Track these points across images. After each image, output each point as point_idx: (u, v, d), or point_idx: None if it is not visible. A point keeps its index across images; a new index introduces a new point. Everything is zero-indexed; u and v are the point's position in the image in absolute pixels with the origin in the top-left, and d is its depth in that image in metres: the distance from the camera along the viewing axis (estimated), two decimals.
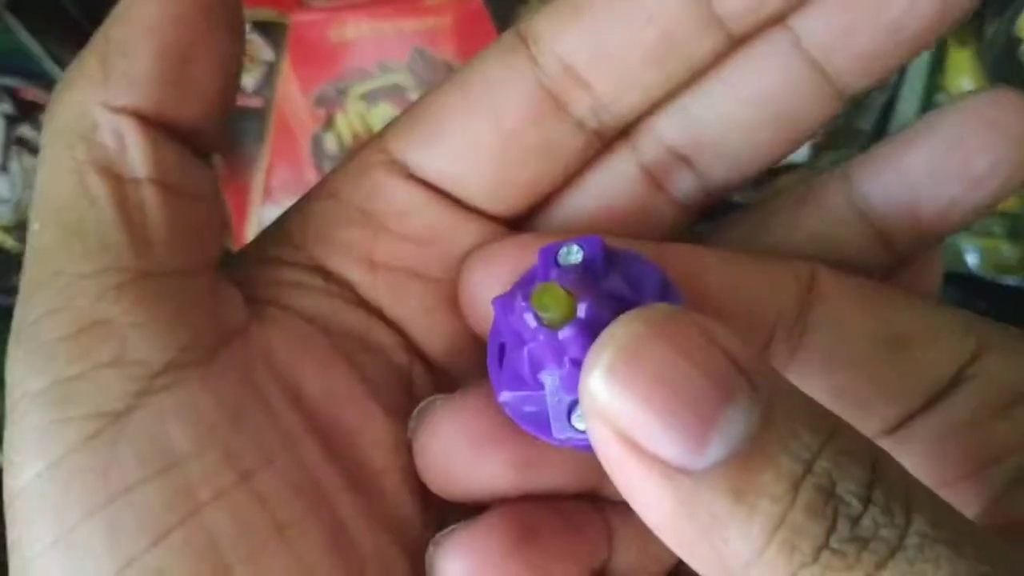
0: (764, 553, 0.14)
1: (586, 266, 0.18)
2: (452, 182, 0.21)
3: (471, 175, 0.21)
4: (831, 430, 0.15)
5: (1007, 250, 0.59)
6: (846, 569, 0.14)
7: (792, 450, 0.14)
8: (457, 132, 0.21)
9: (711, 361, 0.15)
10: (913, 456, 0.20)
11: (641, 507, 0.15)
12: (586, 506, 0.21)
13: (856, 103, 0.56)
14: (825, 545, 0.14)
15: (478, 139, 0.21)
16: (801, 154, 0.57)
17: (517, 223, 0.22)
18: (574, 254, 0.18)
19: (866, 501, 0.14)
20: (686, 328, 0.15)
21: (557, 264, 0.19)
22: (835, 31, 0.20)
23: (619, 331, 0.15)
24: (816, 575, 0.14)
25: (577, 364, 0.17)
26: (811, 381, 0.20)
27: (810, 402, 0.15)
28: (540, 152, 0.21)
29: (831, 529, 0.14)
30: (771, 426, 0.14)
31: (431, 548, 0.20)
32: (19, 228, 0.51)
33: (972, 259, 0.59)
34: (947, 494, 0.19)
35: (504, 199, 0.21)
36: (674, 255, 0.20)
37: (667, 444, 0.14)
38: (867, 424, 0.20)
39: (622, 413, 0.15)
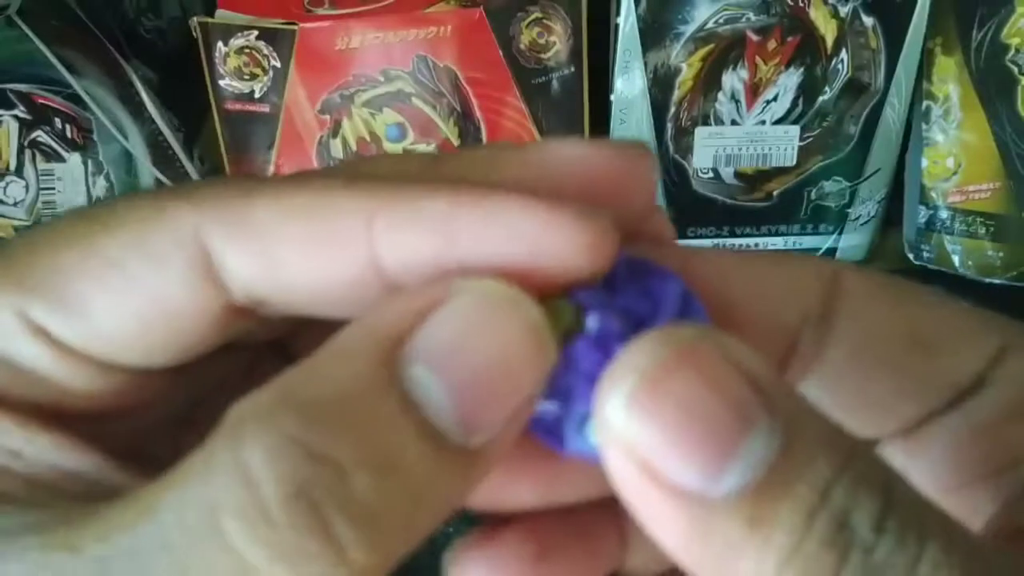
0: (781, 572, 0.14)
1: (604, 277, 0.17)
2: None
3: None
4: (848, 454, 0.15)
5: (991, 252, 0.60)
6: None
7: (809, 478, 0.14)
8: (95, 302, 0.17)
9: (733, 388, 0.14)
10: (930, 457, 0.19)
11: (654, 529, 0.15)
12: (601, 514, 0.20)
13: (845, 109, 0.57)
14: (838, 574, 0.14)
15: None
16: (789, 157, 0.59)
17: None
18: None
19: (880, 531, 0.14)
20: (709, 353, 0.15)
21: None
22: None
23: (640, 358, 0.15)
24: None
25: (589, 378, 0.16)
26: (834, 379, 0.19)
27: (828, 424, 0.15)
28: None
29: (844, 559, 0.14)
30: (790, 453, 0.14)
31: (449, 555, 0.19)
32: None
33: (957, 260, 0.61)
34: (962, 496, 0.19)
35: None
36: (698, 260, 0.19)
37: (684, 472, 0.14)
38: (887, 423, 0.20)
39: (639, 441, 0.14)
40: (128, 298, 0.17)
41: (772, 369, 0.15)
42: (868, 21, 0.55)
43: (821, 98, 0.57)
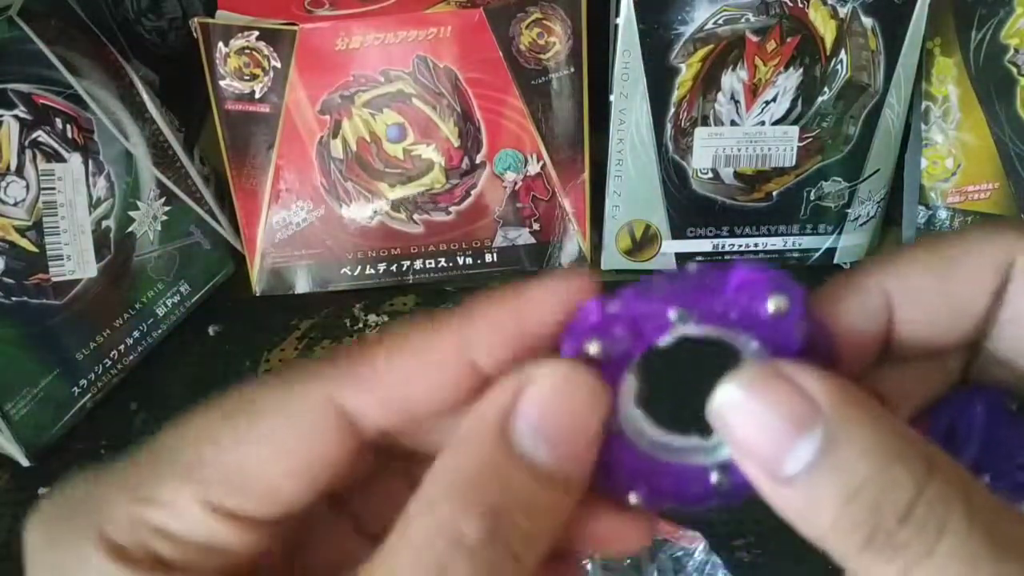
0: (826, 538, 0.20)
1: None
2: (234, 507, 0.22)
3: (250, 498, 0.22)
4: (889, 458, 0.20)
5: None
6: (885, 563, 0.20)
7: (848, 474, 0.20)
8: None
9: (789, 406, 0.21)
10: None
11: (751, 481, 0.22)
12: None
13: (844, 110, 0.57)
14: (866, 546, 0.20)
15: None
16: (788, 158, 0.59)
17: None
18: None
19: (904, 520, 0.19)
20: (774, 382, 0.21)
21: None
22: None
23: (726, 386, 0.21)
24: (861, 562, 0.20)
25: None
26: (999, 362, 0.25)
27: (877, 432, 0.20)
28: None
29: (871, 536, 0.20)
30: (832, 455, 0.20)
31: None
32: (34, 229, 0.52)
33: None
34: None
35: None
36: (892, 277, 0.24)
37: (758, 461, 0.21)
38: None
39: (731, 437, 0.22)
40: (290, 465, 0.22)
41: (830, 388, 0.21)
42: (867, 22, 0.56)
43: (820, 99, 0.57)
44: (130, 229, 0.57)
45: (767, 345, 0.23)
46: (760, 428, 0.21)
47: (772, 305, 0.23)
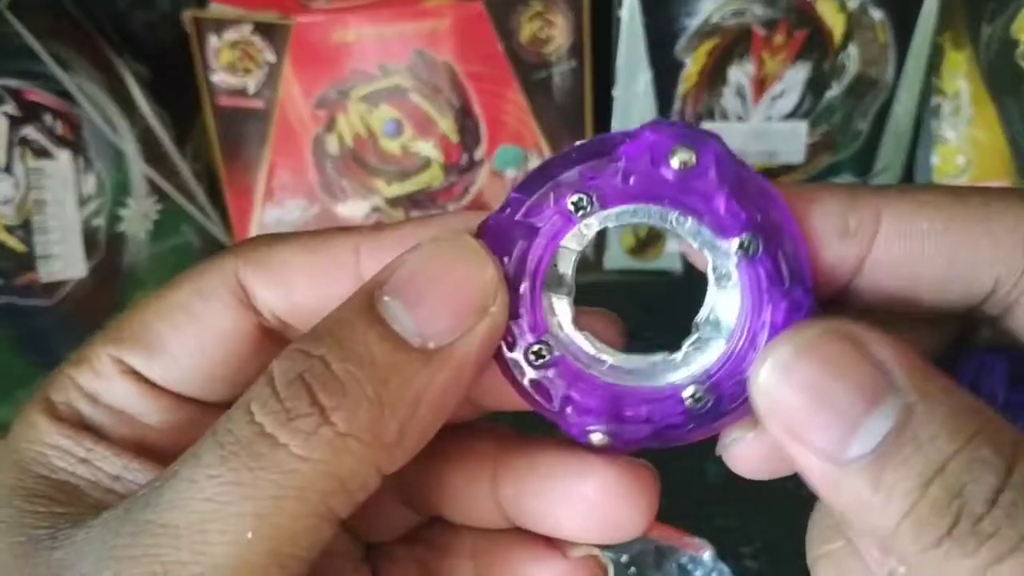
0: (896, 532, 0.18)
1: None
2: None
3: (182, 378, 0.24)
4: (971, 435, 0.17)
5: None
6: (965, 557, 0.17)
7: (927, 452, 0.17)
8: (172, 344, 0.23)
9: (858, 374, 0.18)
10: None
11: (799, 469, 0.19)
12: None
13: (853, 105, 0.56)
14: (947, 535, 0.17)
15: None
16: (797, 155, 0.58)
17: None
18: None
19: (991, 504, 0.17)
20: (838, 346, 0.18)
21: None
22: None
23: (776, 349, 0.19)
24: (937, 557, 0.17)
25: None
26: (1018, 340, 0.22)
27: (956, 407, 0.18)
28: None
29: (954, 524, 0.17)
30: (908, 430, 0.17)
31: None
32: (22, 228, 0.52)
33: None
34: None
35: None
36: (894, 207, 0.21)
37: (817, 443, 0.18)
38: None
39: (782, 417, 0.18)
40: (192, 331, 0.23)
41: (902, 356, 0.18)
42: (876, 15, 0.55)
43: (829, 93, 0.57)
44: (120, 227, 0.56)
45: (695, 216, 0.19)
46: (821, 403, 0.18)
47: (676, 160, 0.19)
